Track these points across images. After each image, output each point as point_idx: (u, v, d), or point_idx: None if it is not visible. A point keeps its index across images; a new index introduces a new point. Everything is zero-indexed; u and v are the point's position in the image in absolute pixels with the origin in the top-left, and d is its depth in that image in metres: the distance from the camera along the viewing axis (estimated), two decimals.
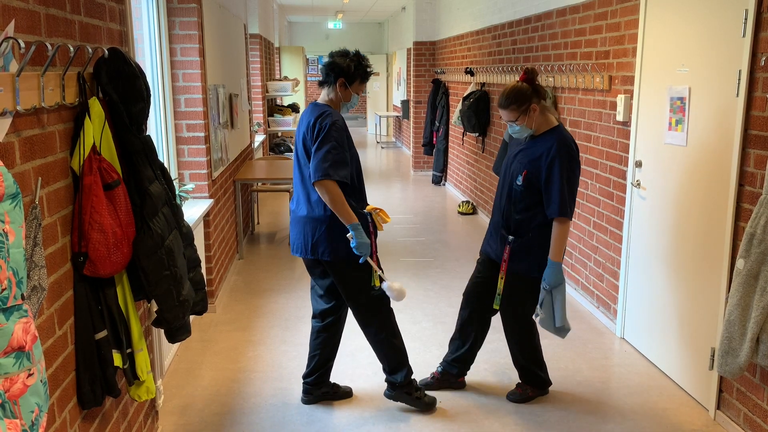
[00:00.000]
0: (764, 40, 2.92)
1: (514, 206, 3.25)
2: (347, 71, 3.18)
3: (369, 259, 3.14)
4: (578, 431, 3.23)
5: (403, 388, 3.39)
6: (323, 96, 3.26)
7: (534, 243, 3.23)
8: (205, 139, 4.63)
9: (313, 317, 3.48)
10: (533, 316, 3.37)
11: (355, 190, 3.20)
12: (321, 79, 3.26)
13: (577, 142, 4.97)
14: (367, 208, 3.23)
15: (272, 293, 5.19)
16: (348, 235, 3.08)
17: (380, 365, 3.87)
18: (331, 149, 3.03)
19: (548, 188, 3.13)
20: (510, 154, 3.41)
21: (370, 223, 3.20)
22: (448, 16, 9.61)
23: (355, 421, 3.32)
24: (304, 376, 3.49)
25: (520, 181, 3.21)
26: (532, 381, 3.51)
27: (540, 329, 4.11)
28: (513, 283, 3.31)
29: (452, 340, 3.59)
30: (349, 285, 3.24)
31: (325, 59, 3.26)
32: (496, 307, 3.37)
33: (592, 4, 4.67)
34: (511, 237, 3.25)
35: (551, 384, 3.58)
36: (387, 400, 3.50)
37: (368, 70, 3.25)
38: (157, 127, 4.30)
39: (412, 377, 3.42)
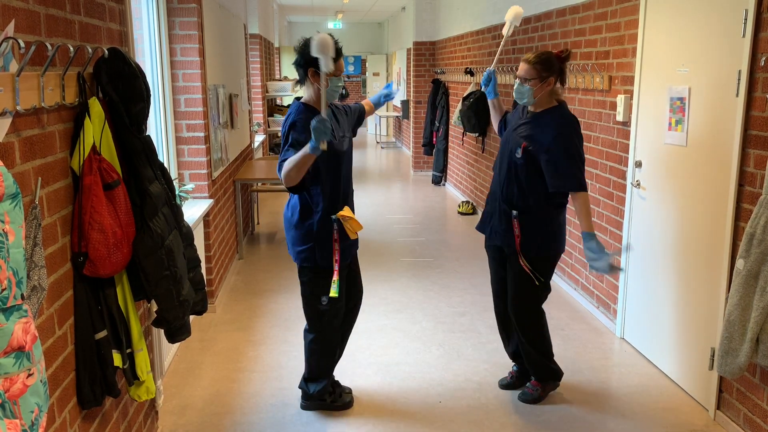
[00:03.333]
0: (764, 41, 2.92)
1: (515, 180, 3.23)
2: (308, 57, 2.93)
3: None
4: (578, 431, 3.23)
5: (314, 398, 3.38)
6: (305, 96, 3.14)
7: (536, 220, 3.23)
8: (205, 139, 4.63)
9: None
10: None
11: (333, 195, 3.09)
12: (298, 80, 3.13)
13: None
14: (338, 214, 3.09)
15: (272, 293, 5.18)
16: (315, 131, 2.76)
17: (380, 364, 3.88)
18: (286, 150, 2.98)
19: (558, 163, 3.10)
20: (509, 128, 3.39)
21: (335, 230, 3.08)
22: (448, 16, 9.61)
23: (355, 422, 3.32)
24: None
25: (519, 153, 3.19)
26: (544, 375, 3.48)
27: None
28: (518, 263, 3.29)
29: (503, 340, 3.66)
30: (301, 288, 3.25)
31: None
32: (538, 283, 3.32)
33: (592, 5, 4.67)
34: (514, 212, 3.24)
35: (563, 374, 3.54)
36: (386, 400, 3.50)
37: (336, 49, 3.00)
38: (157, 127, 4.30)
39: (327, 389, 3.39)
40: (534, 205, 3.23)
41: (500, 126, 3.56)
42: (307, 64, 2.98)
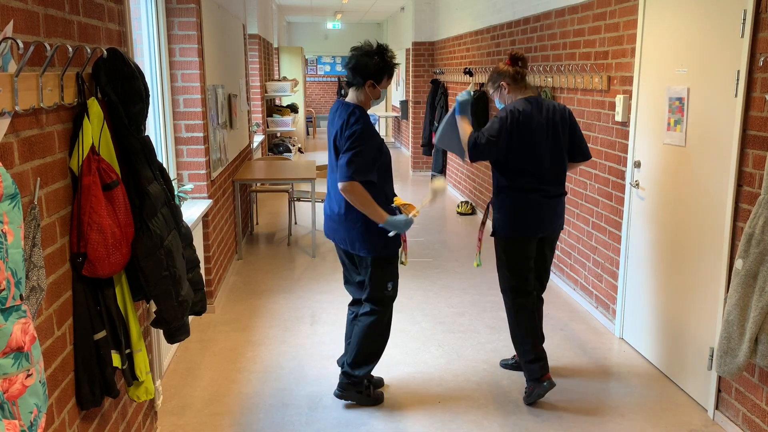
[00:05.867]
0: (763, 41, 2.93)
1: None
2: (374, 71, 3.15)
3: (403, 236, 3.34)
4: (577, 431, 3.23)
5: (356, 386, 3.44)
6: (351, 96, 3.25)
7: (496, 203, 3.51)
8: (204, 140, 4.63)
9: (350, 305, 3.55)
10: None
11: (379, 190, 3.22)
12: (348, 80, 3.24)
13: None
14: (396, 201, 3.29)
15: (271, 293, 5.18)
16: (389, 234, 3.18)
17: (379, 364, 3.87)
18: (358, 154, 3.08)
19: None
20: None
21: (397, 214, 3.27)
22: (447, 16, 9.62)
23: (354, 421, 3.32)
24: (340, 363, 3.52)
25: None
26: (525, 372, 3.51)
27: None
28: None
29: None
30: (372, 280, 3.33)
31: (350, 59, 3.21)
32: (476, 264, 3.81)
33: (591, 5, 4.67)
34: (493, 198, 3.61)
35: (541, 374, 3.42)
36: (385, 401, 3.50)
37: (394, 63, 3.22)
38: (156, 127, 4.29)
39: (368, 375, 3.49)
40: (495, 190, 3.52)
41: None
42: (369, 75, 3.17)
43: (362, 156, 3.09)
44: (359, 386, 3.45)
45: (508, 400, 3.52)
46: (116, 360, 2.31)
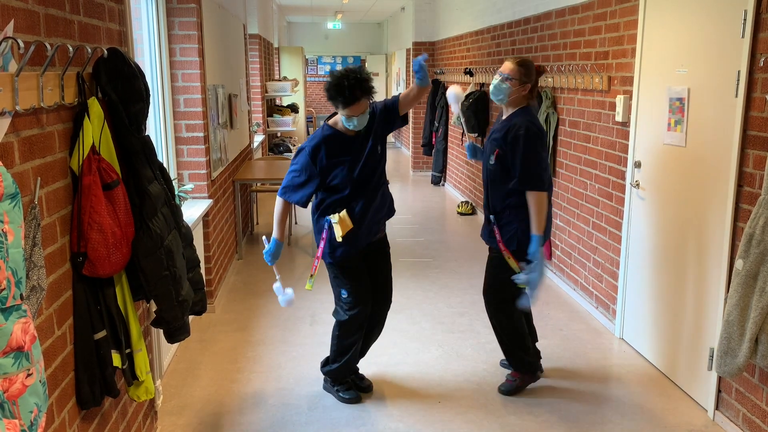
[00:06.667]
0: (763, 41, 2.93)
1: (491, 185, 3.39)
2: (329, 95, 3.12)
3: (275, 269, 3.50)
4: (577, 431, 3.23)
5: (326, 380, 3.61)
6: (336, 117, 3.32)
7: (509, 219, 3.34)
8: (204, 140, 4.63)
9: None
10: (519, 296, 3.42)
11: (336, 201, 3.30)
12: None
13: (575, 142, 4.98)
14: (339, 215, 3.24)
15: (271, 293, 5.18)
16: (263, 237, 3.49)
17: (379, 364, 3.88)
18: (292, 172, 3.30)
19: (514, 163, 3.24)
20: (488, 138, 3.54)
21: (325, 230, 3.30)
22: (448, 16, 9.61)
23: (354, 421, 3.32)
24: None
25: (492, 160, 3.35)
26: (519, 366, 3.59)
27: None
28: (491, 257, 3.50)
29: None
30: (332, 284, 3.49)
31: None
32: (521, 286, 3.35)
33: (591, 5, 4.67)
34: (492, 216, 3.40)
35: (540, 370, 3.66)
36: (385, 401, 3.51)
37: (339, 93, 3.01)
38: (157, 127, 4.29)
39: (341, 374, 3.54)
40: (510, 205, 3.32)
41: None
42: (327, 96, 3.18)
43: (293, 177, 3.28)
44: (334, 381, 3.56)
45: (508, 400, 3.52)
46: (116, 360, 2.31)
